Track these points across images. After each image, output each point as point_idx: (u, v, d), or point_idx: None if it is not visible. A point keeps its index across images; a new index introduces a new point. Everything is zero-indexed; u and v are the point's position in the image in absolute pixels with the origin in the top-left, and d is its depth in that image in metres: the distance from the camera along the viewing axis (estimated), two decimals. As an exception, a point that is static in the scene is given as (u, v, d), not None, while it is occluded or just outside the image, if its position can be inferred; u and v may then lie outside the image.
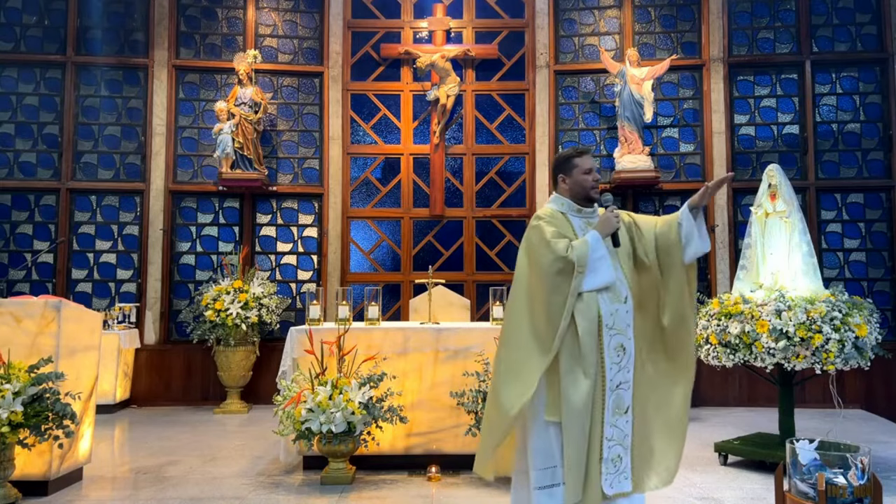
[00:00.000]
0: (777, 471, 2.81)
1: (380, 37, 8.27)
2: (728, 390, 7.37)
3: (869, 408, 7.12)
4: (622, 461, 2.81)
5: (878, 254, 7.65)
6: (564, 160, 2.99)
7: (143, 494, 4.19)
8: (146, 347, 7.55)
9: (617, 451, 2.80)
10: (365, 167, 8.23)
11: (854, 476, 2.49)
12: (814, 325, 4.37)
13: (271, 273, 7.93)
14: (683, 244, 2.90)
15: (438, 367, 4.71)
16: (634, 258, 2.95)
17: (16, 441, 3.72)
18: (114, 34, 7.97)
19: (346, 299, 5.02)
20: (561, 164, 3.00)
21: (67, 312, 4.16)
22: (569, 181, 2.96)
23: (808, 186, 7.67)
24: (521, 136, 8.22)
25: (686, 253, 2.91)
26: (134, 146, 7.91)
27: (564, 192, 2.99)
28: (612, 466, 2.78)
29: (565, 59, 8.18)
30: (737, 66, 7.94)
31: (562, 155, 3.04)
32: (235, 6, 8.12)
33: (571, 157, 2.97)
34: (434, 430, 4.68)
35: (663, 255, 2.93)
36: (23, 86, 7.82)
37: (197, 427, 6.38)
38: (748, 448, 4.78)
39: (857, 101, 7.84)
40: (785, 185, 4.97)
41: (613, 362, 2.80)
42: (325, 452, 4.37)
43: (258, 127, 7.65)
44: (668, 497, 4.10)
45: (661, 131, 8.00)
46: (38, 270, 7.66)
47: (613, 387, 2.79)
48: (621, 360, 2.82)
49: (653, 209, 7.92)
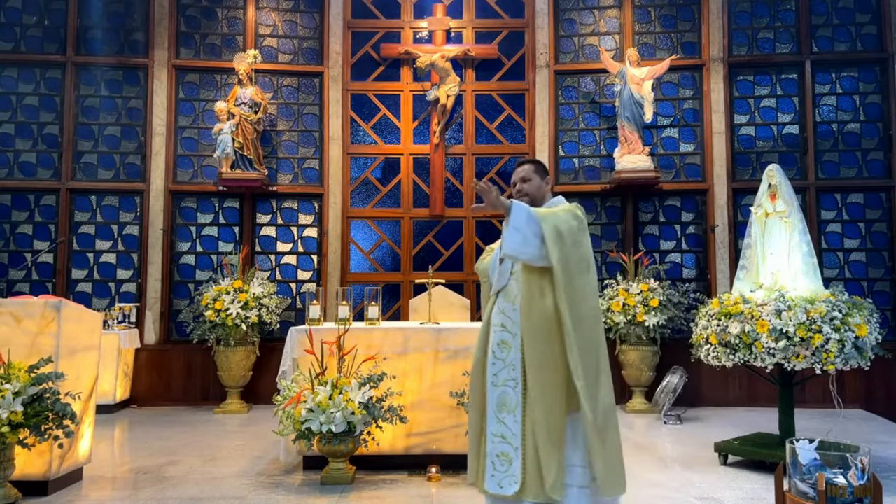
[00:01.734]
0: (777, 471, 2.81)
1: (380, 37, 8.27)
2: (728, 390, 7.37)
3: (869, 408, 7.12)
4: (512, 463, 2.75)
5: (878, 254, 7.65)
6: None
7: (143, 494, 4.19)
8: (146, 347, 7.55)
9: (503, 449, 2.77)
10: (365, 167, 8.23)
11: (854, 476, 2.49)
12: (814, 325, 4.37)
13: (271, 273, 7.93)
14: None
15: (438, 367, 4.72)
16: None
17: (16, 441, 3.72)
18: (114, 34, 7.97)
19: (346, 299, 5.02)
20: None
21: (67, 312, 4.16)
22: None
23: (808, 186, 7.67)
24: (521, 136, 8.22)
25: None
26: (134, 146, 7.91)
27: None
28: (499, 465, 2.76)
29: (565, 59, 8.18)
30: (737, 66, 7.94)
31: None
32: (235, 6, 8.12)
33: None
34: (434, 430, 4.68)
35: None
36: (23, 86, 7.82)
37: (197, 427, 6.38)
38: (748, 448, 4.78)
39: (857, 101, 7.84)
40: (785, 185, 4.97)
41: (497, 358, 2.86)
42: (325, 452, 4.37)
43: (258, 127, 7.65)
44: (668, 497, 4.10)
45: (661, 131, 8.00)
46: (38, 270, 7.66)
47: (498, 382, 2.84)
48: (506, 356, 2.84)
49: (653, 209, 7.93)
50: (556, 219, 2.79)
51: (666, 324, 7.03)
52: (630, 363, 7.16)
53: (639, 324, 6.95)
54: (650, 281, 7.09)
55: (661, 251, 7.87)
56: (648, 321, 6.88)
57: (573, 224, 2.82)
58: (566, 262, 2.75)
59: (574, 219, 2.85)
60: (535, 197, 3.03)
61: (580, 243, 2.82)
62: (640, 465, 4.88)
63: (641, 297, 6.97)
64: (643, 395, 7.15)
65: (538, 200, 3.03)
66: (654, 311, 6.91)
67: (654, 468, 4.79)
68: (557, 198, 3.09)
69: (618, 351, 7.24)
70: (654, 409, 6.90)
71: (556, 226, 2.76)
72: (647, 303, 6.94)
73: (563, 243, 2.76)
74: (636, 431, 6.17)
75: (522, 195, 3.03)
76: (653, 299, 6.92)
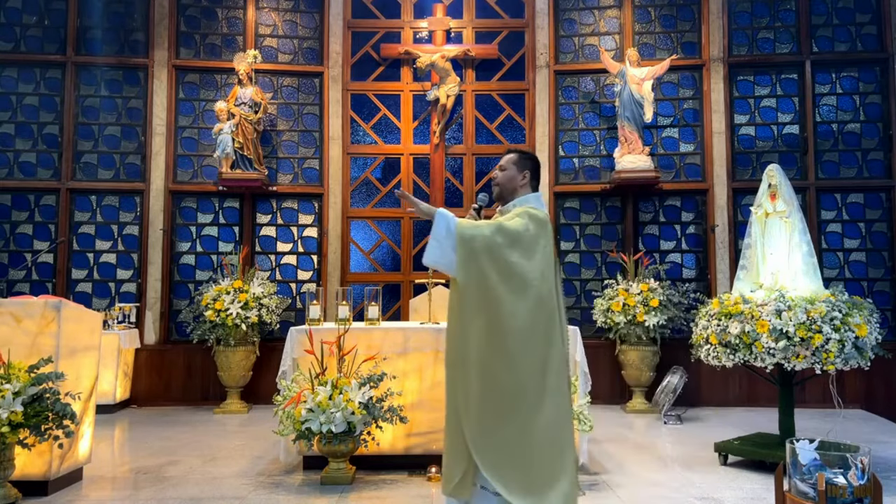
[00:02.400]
0: (777, 471, 2.81)
1: (380, 37, 8.27)
2: (728, 390, 7.37)
3: (869, 408, 7.12)
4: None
5: (878, 254, 7.65)
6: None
7: (143, 494, 4.19)
8: (146, 347, 7.55)
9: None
10: (365, 167, 8.23)
11: (854, 476, 2.49)
12: (814, 325, 4.37)
13: (271, 273, 7.93)
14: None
15: (438, 367, 4.71)
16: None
17: (16, 441, 3.72)
18: (114, 34, 7.97)
19: (346, 299, 5.02)
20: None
21: (67, 312, 4.16)
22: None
23: (808, 186, 7.67)
24: (521, 136, 8.22)
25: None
26: (134, 146, 7.91)
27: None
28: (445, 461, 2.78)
29: (565, 59, 8.18)
30: (737, 66, 7.94)
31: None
32: (235, 6, 8.12)
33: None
34: (434, 430, 4.67)
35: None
36: (23, 86, 7.82)
37: (197, 427, 6.38)
38: (748, 448, 4.78)
39: (857, 101, 7.84)
40: (785, 185, 4.98)
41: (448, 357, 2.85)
42: (325, 452, 4.37)
43: (258, 127, 7.65)
44: (668, 497, 4.10)
45: (661, 131, 8.00)
46: (38, 270, 7.66)
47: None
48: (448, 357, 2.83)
49: (653, 209, 7.93)
50: (481, 236, 2.66)
51: (666, 324, 7.03)
52: (630, 363, 7.16)
53: (639, 324, 6.95)
54: (650, 281, 7.09)
55: (661, 251, 7.87)
56: (648, 321, 6.88)
57: (500, 241, 2.66)
58: (480, 280, 2.65)
59: (515, 235, 2.69)
60: (504, 189, 2.96)
61: (511, 263, 2.65)
62: (640, 465, 4.88)
63: (641, 297, 6.97)
64: (643, 395, 7.15)
65: (507, 193, 2.96)
66: (654, 311, 6.91)
67: (654, 468, 4.79)
68: (529, 195, 2.94)
69: (618, 351, 7.25)
70: (654, 409, 6.90)
71: (472, 247, 2.65)
72: (647, 303, 6.94)
73: (477, 264, 2.65)
74: (636, 431, 6.17)
75: (494, 184, 3.00)
76: (653, 299, 6.92)
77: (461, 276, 2.68)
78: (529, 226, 2.74)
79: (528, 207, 2.85)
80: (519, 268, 2.67)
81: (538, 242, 2.73)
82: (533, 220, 2.76)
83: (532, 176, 2.98)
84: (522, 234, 2.71)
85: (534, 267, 2.70)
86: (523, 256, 2.69)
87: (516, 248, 2.68)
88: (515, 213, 2.83)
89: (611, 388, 7.49)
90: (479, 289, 2.66)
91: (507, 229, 2.71)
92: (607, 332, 7.29)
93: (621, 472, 4.69)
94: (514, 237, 2.70)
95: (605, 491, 4.22)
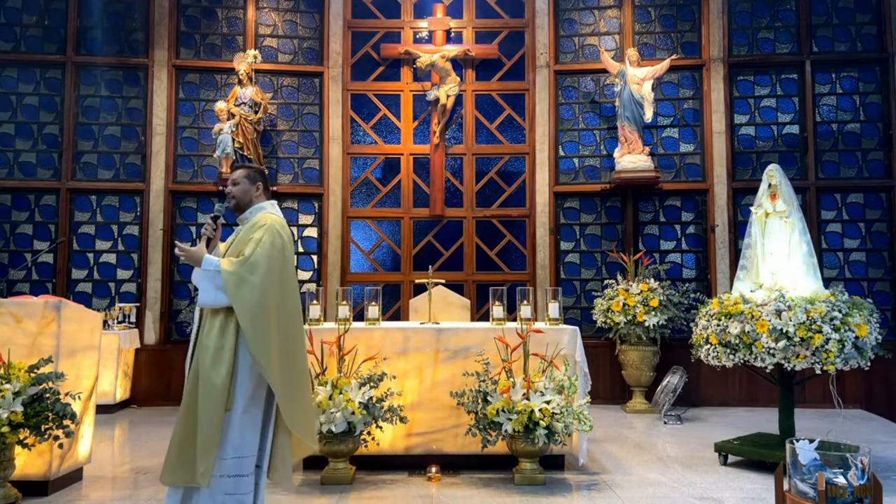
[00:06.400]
0: (777, 471, 2.81)
1: (380, 37, 8.27)
2: (728, 390, 7.37)
3: (869, 408, 7.12)
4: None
5: (878, 254, 7.66)
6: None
7: (143, 494, 4.19)
8: (146, 347, 7.55)
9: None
10: (365, 167, 8.23)
11: (854, 476, 2.49)
12: (814, 325, 4.37)
13: (271, 273, 7.90)
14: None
15: (438, 367, 4.71)
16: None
17: (16, 441, 3.72)
18: (114, 34, 7.97)
19: (346, 299, 5.01)
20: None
21: (67, 312, 4.16)
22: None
23: (808, 186, 7.67)
24: (521, 136, 8.22)
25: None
26: (134, 146, 7.91)
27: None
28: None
29: (565, 59, 8.18)
30: (737, 66, 7.94)
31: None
32: (235, 6, 8.12)
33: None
34: (434, 430, 4.67)
35: None
36: (23, 86, 7.82)
37: (197, 427, 6.36)
38: (748, 448, 4.78)
39: (857, 101, 7.84)
40: (785, 185, 4.98)
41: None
42: (325, 452, 4.37)
43: (258, 127, 7.65)
44: (668, 497, 4.10)
45: (661, 131, 8.00)
46: (38, 270, 7.66)
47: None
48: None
49: (653, 209, 7.93)
50: (237, 275, 3.09)
51: (666, 324, 7.04)
52: (630, 363, 7.16)
53: (639, 324, 6.95)
54: (650, 281, 7.09)
55: (661, 251, 7.87)
56: (648, 321, 6.88)
57: (244, 274, 3.09)
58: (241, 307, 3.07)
59: (262, 254, 3.09)
60: (241, 201, 3.33)
61: (255, 286, 3.05)
62: (640, 464, 4.88)
63: (641, 297, 6.97)
64: (643, 395, 7.15)
65: (244, 204, 3.33)
66: (654, 311, 6.91)
67: (654, 468, 4.79)
68: (265, 202, 3.31)
69: (618, 351, 7.25)
70: (654, 409, 6.90)
71: (237, 284, 3.09)
72: (647, 303, 6.94)
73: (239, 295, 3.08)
74: (636, 431, 6.17)
75: (231, 198, 3.34)
76: (653, 299, 6.92)
77: (234, 304, 3.14)
78: (276, 242, 3.14)
79: (265, 214, 3.26)
80: (266, 288, 3.12)
81: (279, 256, 3.14)
82: (274, 238, 3.15)
83: (264, 187, 3.37)
84: (278, 247, 3.15)
85: (271, 287, 3.14)
86: (275, 270, 3.15)
87: (270, 263, 3.12)
88: (256, 222, 3.22)
89: (611, 388, 7.50)
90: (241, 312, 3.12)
91: (273, 243, 3.14)
92: (607, 332, 7.29)
93: (621, 471, 4.69)
94: (277, 250, 3.14)
95: (605, 491, 4.22)
